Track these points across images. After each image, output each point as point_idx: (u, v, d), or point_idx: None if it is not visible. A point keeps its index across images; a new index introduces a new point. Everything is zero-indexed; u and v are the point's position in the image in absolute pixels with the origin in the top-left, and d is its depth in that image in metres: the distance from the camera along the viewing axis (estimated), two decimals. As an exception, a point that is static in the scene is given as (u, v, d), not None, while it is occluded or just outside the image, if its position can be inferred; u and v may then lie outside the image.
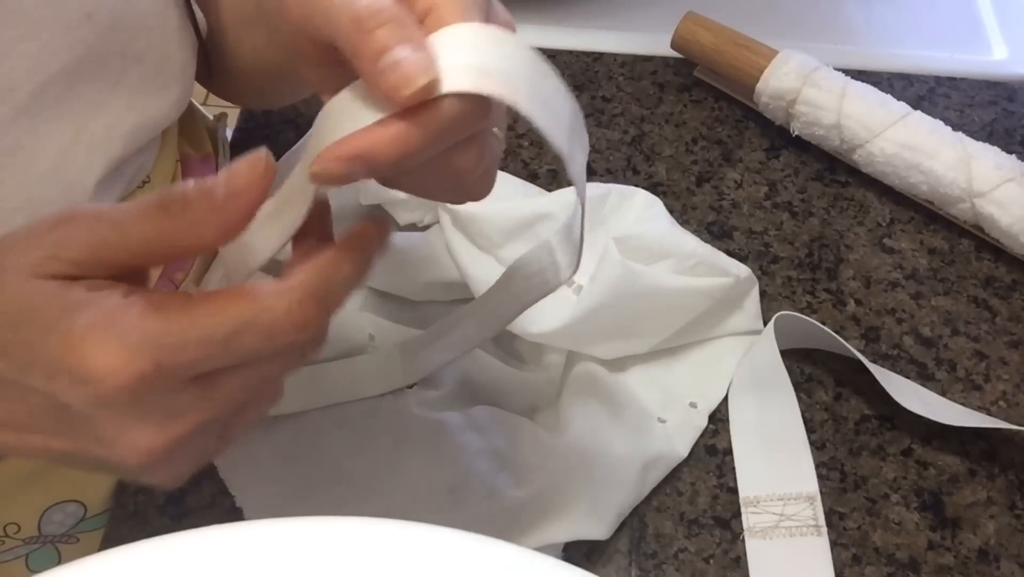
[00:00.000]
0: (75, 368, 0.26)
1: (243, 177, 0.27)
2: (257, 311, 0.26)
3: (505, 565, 0.29)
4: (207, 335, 0.26)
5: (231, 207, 0.27)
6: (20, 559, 0.49)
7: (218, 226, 0.27)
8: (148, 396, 0.26)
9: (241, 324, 0.26)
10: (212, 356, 0.26)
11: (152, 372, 0.26)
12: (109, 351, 0.25)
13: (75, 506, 0.49)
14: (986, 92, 0.66)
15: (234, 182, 0.27)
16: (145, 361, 0.25)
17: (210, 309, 0.26)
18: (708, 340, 0.53)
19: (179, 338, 0.26)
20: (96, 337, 0.25)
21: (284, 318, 0.27)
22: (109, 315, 0.26)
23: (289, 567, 0.29)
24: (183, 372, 0.27)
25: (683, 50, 0.65)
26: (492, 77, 0.28)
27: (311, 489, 0.46)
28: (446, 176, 0.30)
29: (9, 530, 0.47)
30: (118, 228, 0.27)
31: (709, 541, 0.46)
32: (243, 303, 0.26)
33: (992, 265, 0.57)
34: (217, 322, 0.26)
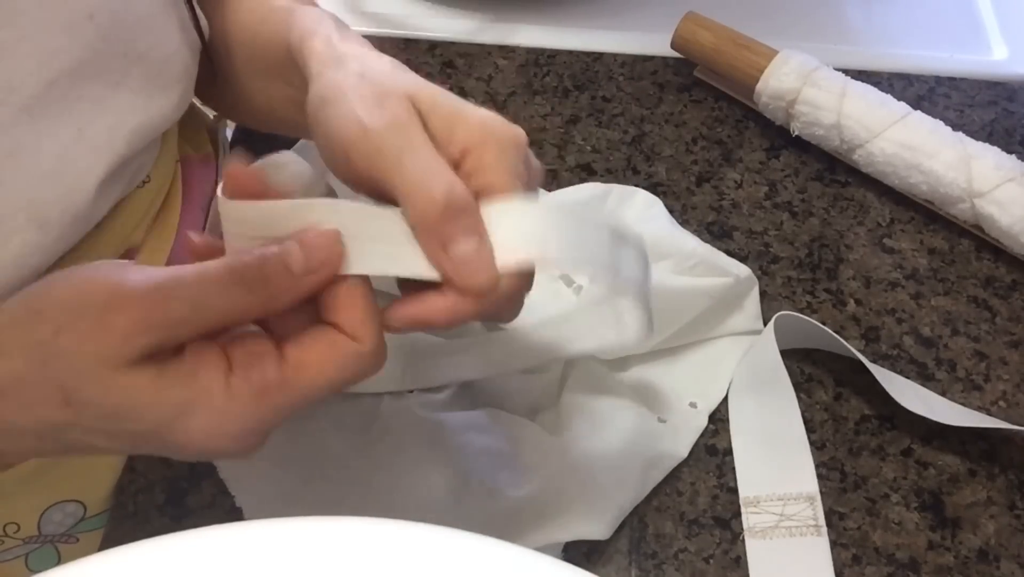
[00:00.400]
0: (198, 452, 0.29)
1: (321, 255, 0.29)
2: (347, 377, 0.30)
3: (505, 565, 0.29)
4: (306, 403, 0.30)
5: (307, 283, 0.29)
6: (20, 559, 0.49)
7: (293, 300, 0.29)
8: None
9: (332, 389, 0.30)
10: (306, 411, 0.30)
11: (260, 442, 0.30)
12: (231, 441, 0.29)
13: (75, 506, 0.49)
14: (986, 92, 0.66)
15: (313, 259, 0.29)
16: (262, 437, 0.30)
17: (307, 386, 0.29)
18: (708, 340, 0.53)
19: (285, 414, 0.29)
20: (214, 438, 0.28)
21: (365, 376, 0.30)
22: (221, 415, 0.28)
23: (289, 567, 0.29)
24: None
25: (683, 50, 0.65)
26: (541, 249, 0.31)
27: (311, 489, 0.46)
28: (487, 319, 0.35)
29: (9, 530, 0.47)
30: (193, 306, 0.28)
31: (709, 541, 0.46)
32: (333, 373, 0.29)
33: (992, 265, 0.57)
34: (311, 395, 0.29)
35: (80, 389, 0.28)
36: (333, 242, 0.30)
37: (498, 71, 0.66)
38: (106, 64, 0.41)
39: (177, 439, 0.28)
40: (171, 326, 0.28)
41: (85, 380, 0.28)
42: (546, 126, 0.63)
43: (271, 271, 0.29)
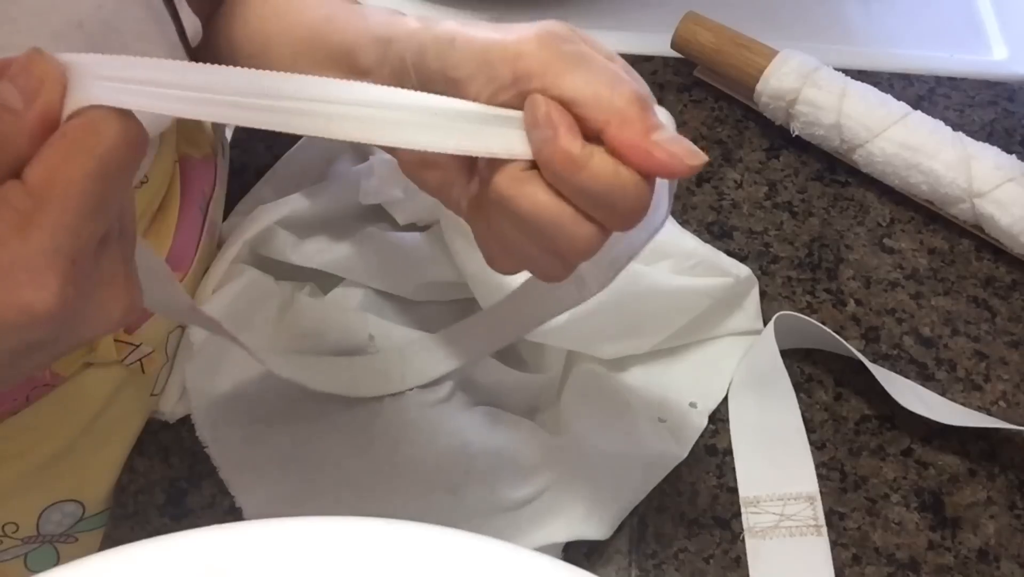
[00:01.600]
0: (16, 323, 0.26)
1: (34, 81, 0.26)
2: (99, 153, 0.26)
3: (505, 565, 0.29)
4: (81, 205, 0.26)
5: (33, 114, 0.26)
6: (19, 559, 0.49)
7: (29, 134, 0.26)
8: (83, 285, 0.27)
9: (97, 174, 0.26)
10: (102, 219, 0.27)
11: (74, 267, 0.26)
12: (31, 287, 0.26)
13: (73, 506, 0.49)
14: (986, 92, 0.66)
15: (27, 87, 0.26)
16: (61, 267, 0.26)
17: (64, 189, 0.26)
18: (708, 340, 0.53)
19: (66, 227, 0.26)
20: (6, 287, 0.25)
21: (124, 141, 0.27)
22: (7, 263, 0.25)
23: (289, 567, 0.29)
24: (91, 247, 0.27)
25: (683, 50, 0.65)
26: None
27: (311, 489, 0.46)
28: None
29: (7, 529, 0.47)
30: None
31: (709, 541, 0.46)
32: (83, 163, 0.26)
33: (992, 265, 0.57)
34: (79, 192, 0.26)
35: None
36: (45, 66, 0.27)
37: (498, 71, 0.66)
38: None
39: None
40: None
41: None
42: (546, 126, 0.63)
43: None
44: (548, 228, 0.32)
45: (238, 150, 0.62)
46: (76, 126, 0.26)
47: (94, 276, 0.28)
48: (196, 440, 0.47)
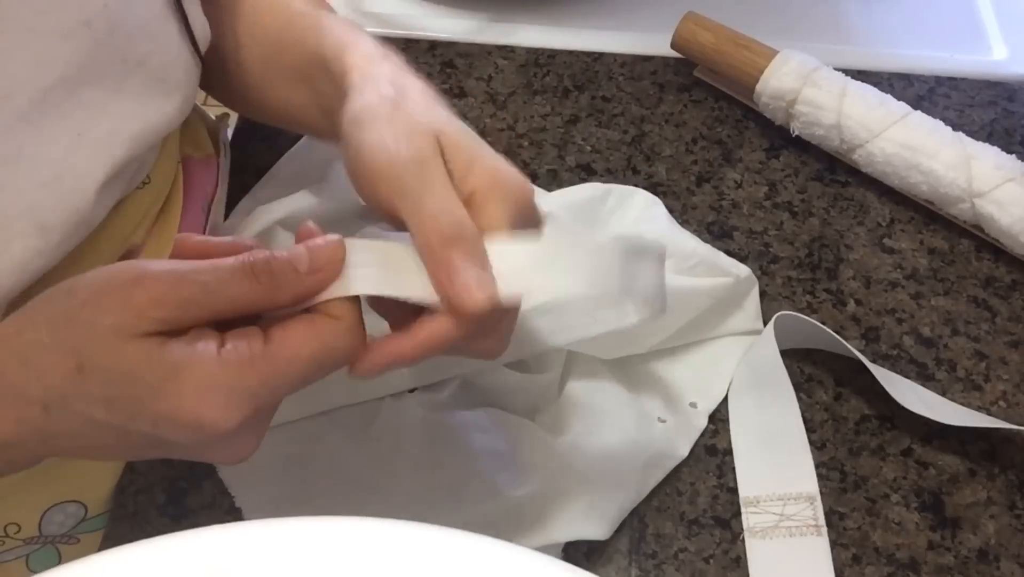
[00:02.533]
0: (187, 423, 0.30)
1: (324, 257, 0.32)
2: (327, 352, 0.32)
3: (505, 565, 0.29)
4: (292, 380, 0.31)
5: (310, 281, 0.32)
6: (21, 559, 0.49)
7: (295, 295, 0.32)
8: (250, 427, 0.32)
9: (316, 365, 0.32)
10: (293, 390, 0.32)
11: (253, 415, 0.31)
12: (218, 408, 0.30)
13: (75, 506, 0.49)
14: (986, 92, 0.66)
15: (316, 260, 0.32)
16: (247, 409, 0.31)
17: (291, 357, 0.31)
18: (708, 340, 0.53)
19: (271, 385, 0.31)
20: (204, 398, 0.30)
21: (345, 354, 0.33)
22: (212, 377, 0.30)
23: (289, 567, 0.29)
24: (274, 406, 0.33)
25: (683, 50, 0.65)
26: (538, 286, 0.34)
27: (311, 489, 0.46)
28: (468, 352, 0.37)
29: (9, 530, 0.47)
30: (205, 289, 0.31)
31: (709, 541, 0.46)
32: (315, 346, 0.31)
33: (992, 265, 0.57)
34: (299, 368, 0.31)
35: (93, 356, 0.30)
36: (336, 247, 0.33)
37: (498, 71, 0.66)
38: (104, 70, 0.41)
39: (170, 403, 0.30)
40: (183, 305, 0.30)
41: (99, 347, 0.30)
42: (546, 126, 0.63)
43: (277, 267, 0.31)
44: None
45: (238, 150, 0.62)
46: (326, 321, 0.32)
47: (258, 423, 0.33)
48: (196, 440, 0.47)
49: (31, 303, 0.32)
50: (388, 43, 0.44)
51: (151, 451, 0.33)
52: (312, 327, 0.32)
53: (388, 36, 0.68)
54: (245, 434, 0.32)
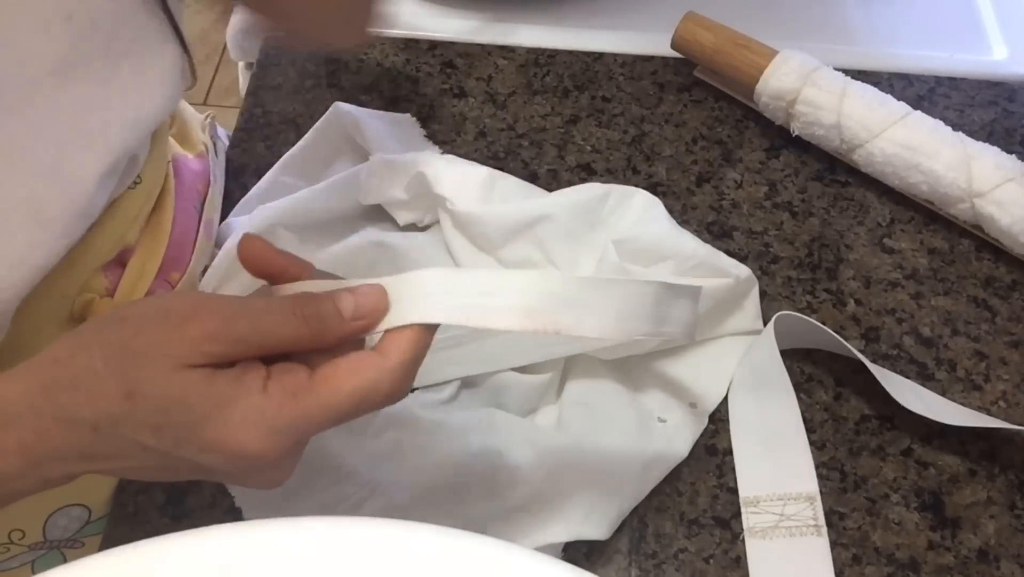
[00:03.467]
0: (232, 451, 0.32)
1: (368, 306, 0.34)
2: (369, 389, 0.33)
3: (505, 565, 0.29)
4: (333, 416, 0.32)
5: (355, 327, 0.34)
6: (26, 565, 0.49)
7: (340, 337, 0.34)
8: (289, 459, 0.34)
9: (358, 403, 0.33)
10: (334, 425, 0.33)
11: (293, 447, 0.33)
12: (261, 439, 0.31)
13: (80, 510, 0.49)
14: (986, 92, 0.66)
15: (360, 308, 0.34)
16: (289, 442, 0.32)
17: (333, 393, 0.32)
18: (708, 340, 0.53)
19: (313, 421, 0.32)
20: (249, 430, 0.31)
21: (389, 393, 0.33)
22: (257, 410, 0.31)
23: (290, 567, 0.29)
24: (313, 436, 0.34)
25: (683, 50, 0.65)
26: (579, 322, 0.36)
27: (311, 489, 0.46)
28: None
29: (14, 536, 0.47)
30: (257, 329, 0.32)
31: (709, 541, 0.46)
32: (357, 383, 0.32)
33: (992, 265, 0.57)
34: (341, 404, 0.32)
35: (144, 383, 0.31)
36: (380, 295, 0.34)
37: (498, 71, 0.66)
38: (91, 63, 0.41)
39: (217, 432, 0.31)
40: (234, 340, 0.32)
41: (150, 375, 0.31)
42: (546, 126, 0.63)
43: (325, 311, 0.33)
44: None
45: (238, 150, 0.62)
46: (371, 359, 0.33)
47: (296, 457, 0.34)
48: (196, 440, 0.47)
49: (83, 327, 0.34)
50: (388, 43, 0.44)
51: (190, 474, 0.34)
52: (357, 364, 0.33)
53: (388, 36, 0.68)
54: (284, 463, 0.34)
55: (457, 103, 0.64)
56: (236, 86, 1.66)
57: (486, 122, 0.63)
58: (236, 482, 0.35)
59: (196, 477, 0.35)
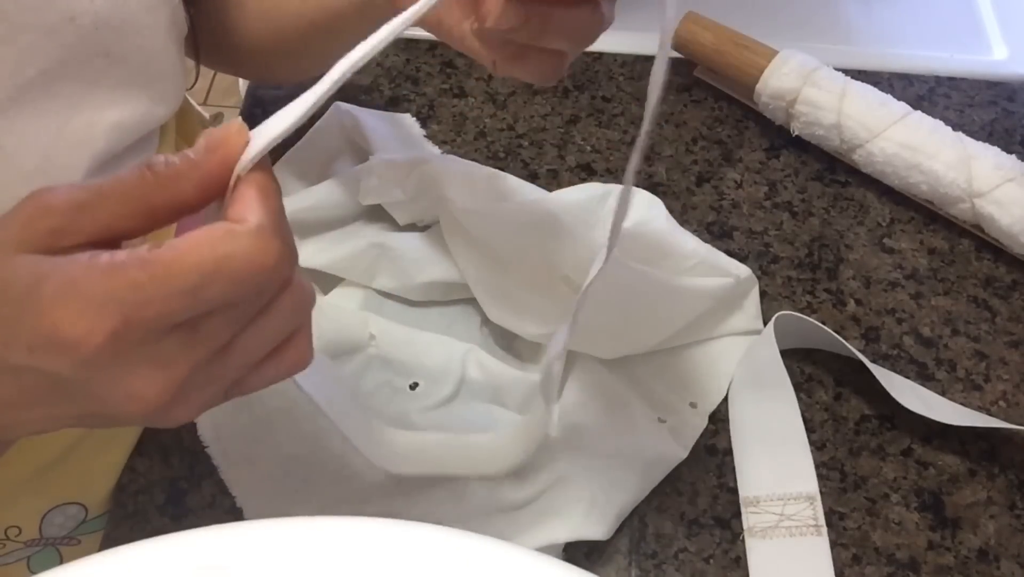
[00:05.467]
0: (50, 337, 0.26)
1: (219, 135, 0.29)
2: (220, 259, 0.26)
3: (505, 565, 0.29)
4: (170, 289, 0.26)
5: (210, 161, 0.28)
6: (22, 561, 0.49)
7: (198, 181, 0.28)
8: (128, 350, 0.27)
9: (204, 275, 0.26)
10: (180, 308, 0.27)
11: (122, 328, 0.26)
12: (76, 314, 0.26)
13: (76, 508, 0.49)
14: (986, 92, 0.66)
15: (211, 139, 0.28)
16: (113, 319, 0.26)
17: (171, 262, 0.26)
18: (708, 340, 0.53)
19: (142, 293, 0.26)
20: (62, 303, 0.26)
21: (250, 261, 0.27)
22: (72, 280, 0.26)
23: (289, 567, 0.29)
24: (157, 324, 0.27)
25: (683, 50, 0.65)
26: None
27: (311, 489, 0.46)
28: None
29: (10, 533, 0.47)
30: (97, 190, 0.27)
31: (709, 541, 0.46)
32: (204, 252, 0.26)
33: (992, 265, 0.57)
34: (179, 275, 0.26)
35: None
36: (235, 125, 0.29)
37: (498, 71, 0.66)
38: (84, 64, 0.41)
39: (32, 316, 0.26)
40: (72, 210, 0.27)
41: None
42: (546, 126, 0.63)
43: (172, 157, 0.28)
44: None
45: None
46: (223, 225, 0.27)
47: (144, 350, 0.27)
48: (196, 440, 0.47)
49: None
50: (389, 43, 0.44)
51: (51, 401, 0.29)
52: (208, 231, 0.27)
53: (388, 36, 0.68)
54: (129, 362, 0.27)
55: (457, 103, 0.64)
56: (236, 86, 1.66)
57: (486, 122, 0.63)
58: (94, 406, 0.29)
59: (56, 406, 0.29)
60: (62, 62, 0.39)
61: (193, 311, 0.27)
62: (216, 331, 0.28)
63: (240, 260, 0.27)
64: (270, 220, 0.28)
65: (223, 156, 0.28)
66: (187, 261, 0.26)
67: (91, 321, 0.26)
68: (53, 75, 0.39)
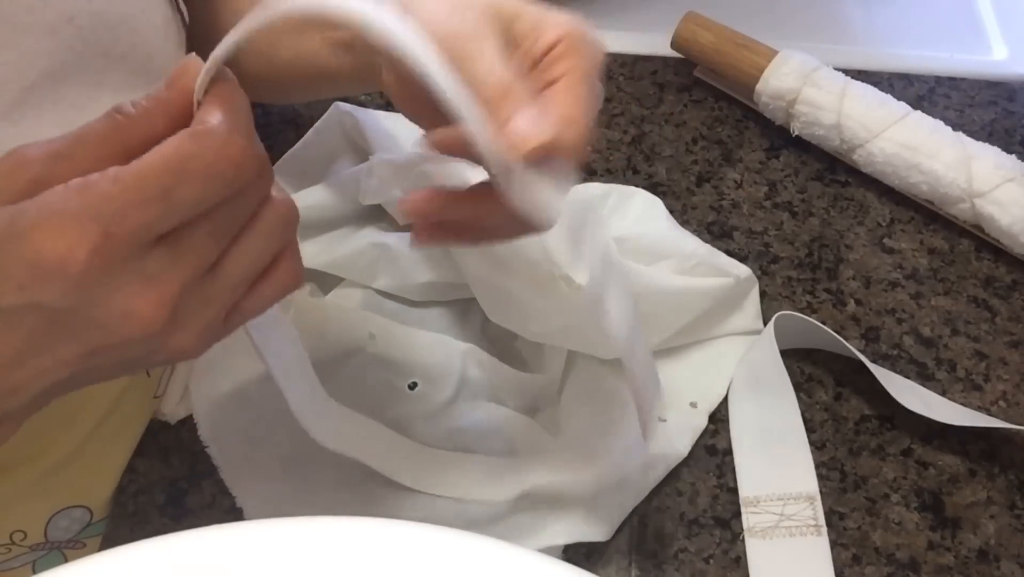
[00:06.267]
0: (35, 264, 0.26)
1: (177, 69, 0.30)
2: (185, 159, 0.27)
3: (505, 565, 0.29)
4: (144, 195, 0.26)
5: (173, 93, 0.29)
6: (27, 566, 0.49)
7: (165, 113, 0.29)
8: (115, 267, 0.27)
9: (173, 175, 0.27)
10: (159, 214, 0.27)
11: (104, 242, 0.26)
12: (56, 234, 0.26)
13: (81, 511, 0.49)
14: (986, 92, 0.66)
15: (170, 76, 0.30)
16: (93, 233, 0.26)
17: (139, 170, 0.27)
18: (708, 340, 0.53)
19: (117, 204, 0.26)
20: (41, 226, 0.26)
21: (216, 158, 0.27)
22: (47, 204, 0.26)
23: (289, 567, 0.29)
24: (137, 236, 0.27)
25: (683, 50, 0.65)
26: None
27: (311, 489, 0.46)
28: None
29: (15, 537, 0.47)
30: (71, 138, 0.28)
31: (709, 541, 0.46)
32: (169, 155, 0.27)
33: (992, 265, 0.57)
34: (148, 180, 0.27)
35: None
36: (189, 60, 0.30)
37: (498, 71, 0.66)
38: (86, 65, 0.41)
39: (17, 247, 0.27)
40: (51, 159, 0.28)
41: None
42: (546, 126, 0.63)
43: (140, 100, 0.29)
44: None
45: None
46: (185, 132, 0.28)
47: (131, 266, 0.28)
48: (196, 440, 0.47)
49: None
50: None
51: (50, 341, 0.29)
52: (171, 139, 0.27)
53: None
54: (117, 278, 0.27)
55: (457, 103, 0.64)
56: (236, 86, 1.66)
57: (486, 122, 0.63)
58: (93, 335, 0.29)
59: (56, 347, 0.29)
60: (64, 64, 0.39)
61: (170, 216, 0.27)
62: (199, 243, 0.29)
63: (206, 158, 0.27)
64: (230, 119, 0.28)
65: (183, 86, 0.29)
66: (155, 166, 0.27)
67: (71, 238, 0.26)
68: (56, 78, 0.39)
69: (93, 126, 0.29)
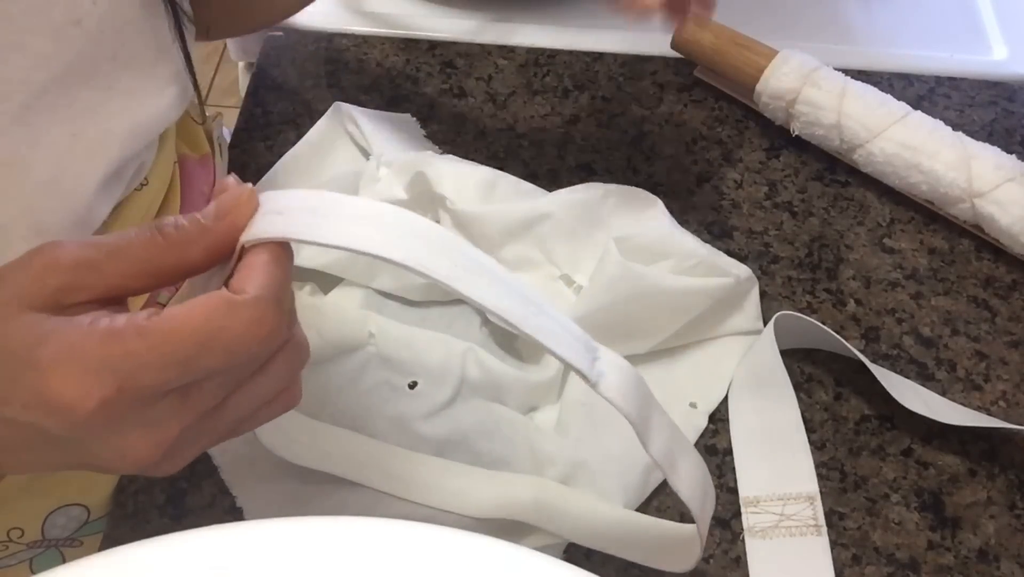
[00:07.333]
0: (45, 399, 0.26)
1: (229, 201, 0.29)
2: (214, 330, 0.27)
3: (505, 565, 0.29)
4: (165, 359, 0.26)
5: (219, 227, 0.29)
6: (24, 563, 0.49)
7: (206, 246, 0.29)
8: (120, 415, 0.27)
9: (199, 346, 0.27)
10: (175, 377, 0.27)
11: (115, 396, 0.26)
12: (72, 380, 0.26)
13: (79, 509, 0.49)
14: (986, 92, 0.66)
15: (221, 205, 0.29)
16: (107, 387, 0.26)
17: (168, 332, 0.26)
18: (708, 340, 0.53)
19: (137, 362, 0.26)
20: (59, 368, 0.26)
21: (245, 333, 0.27)
22: (71, 344, 0.26)
23: (289, 567, 0.29)
24: (148, 392, 0.27)
25: (683, 50, 0.65)
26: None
27: (311, 489, 0.46)
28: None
29: (13, 535, 0.47)
30: (106, 249, 0.28)
31: (709, 541, 0.46)
32: (200, 323, 0.27)
33: (992, 265, 0.57)
34: (175, 345, 0.26)
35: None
36: (244, 189, 0.29)
37: (498, 71, 0.66)
38: (95, 68, 0.41)
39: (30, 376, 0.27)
40: (79, 267, 0.28)
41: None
42: (546, 126, 0.63)
43: (183, 219, 0.29)
44: None
45: (238, 150, 0.62)
46: (222, 295, 0.27)
47: (137, 414, 0.28)
48: (196, 440, 0.47)
49: None
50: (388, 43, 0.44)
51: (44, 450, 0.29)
52: (206, 300, 0.27)
53: (388, 36, 0.68)
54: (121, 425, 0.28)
55: (457, 103, 0.64)
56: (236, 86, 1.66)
57: (486, 122, 0.63)
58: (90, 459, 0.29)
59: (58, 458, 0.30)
60: (72, 66, 0.39)
61: (187, 379, 0.27)
62: (209, 395, 0.29)
63: (235, 332, 0.27)
64: (270, 291, 0.28)
65: (231, 223, 0.29)
66: (183, 332, 0.26)
67: (85, 387, 0.26)
68: (66, 81, 0.39)
69: (131, 240, 0.28)
